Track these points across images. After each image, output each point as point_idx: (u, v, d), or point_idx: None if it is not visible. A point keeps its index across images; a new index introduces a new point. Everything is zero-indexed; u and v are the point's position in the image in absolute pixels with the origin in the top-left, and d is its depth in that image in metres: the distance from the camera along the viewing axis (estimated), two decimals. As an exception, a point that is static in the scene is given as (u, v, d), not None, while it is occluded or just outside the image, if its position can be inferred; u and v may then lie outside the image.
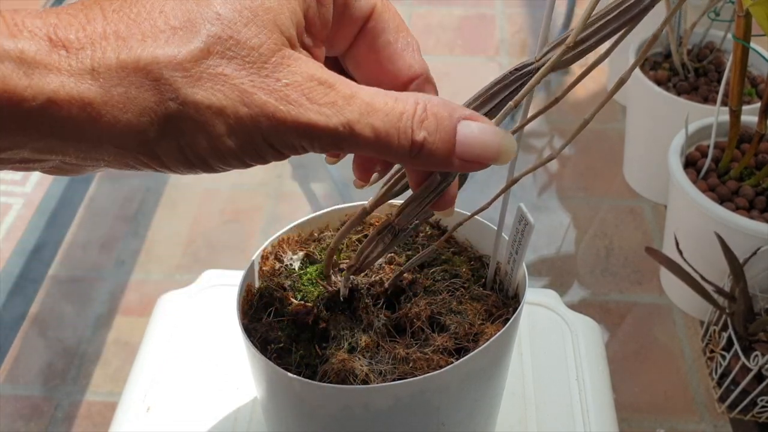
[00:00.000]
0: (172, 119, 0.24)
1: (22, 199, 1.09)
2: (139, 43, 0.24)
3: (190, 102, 0.24)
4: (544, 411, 0.52)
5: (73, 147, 0.24)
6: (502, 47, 1.37)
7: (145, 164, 0.26)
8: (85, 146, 0.24)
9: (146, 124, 0.24)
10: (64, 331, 0.90)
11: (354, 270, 0.37)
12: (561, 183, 1.10)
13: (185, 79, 0.24)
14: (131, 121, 0.24)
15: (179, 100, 0.24)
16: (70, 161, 0.25)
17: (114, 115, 0.24)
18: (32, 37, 0.23)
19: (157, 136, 0.24)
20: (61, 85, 0.23)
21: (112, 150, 0.25)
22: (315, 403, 0.37)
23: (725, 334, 0.75)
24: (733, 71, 0.76)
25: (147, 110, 0.24)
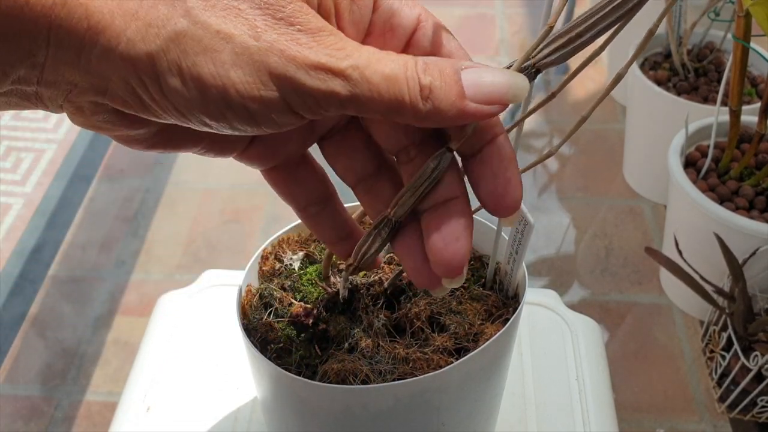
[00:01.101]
0: (179, 36, 0.24)
1: (22, 199, 1.09)
2: None
3: (200, 22, 0.24)
4: (544, 411, 0.52)
5: (84, 55, 0.24)
6: (502, 47, 1.37)
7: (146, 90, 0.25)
8: (95, 55, 0.24)
9: (153, 35, 0.24)
10: (63, 331, 0.90)
11: (352, 269, 0.36)
12: (561, 183, 1.10)
13: (200, 1, 0.24)
14: (139, 29, 0.24)
15: (189, 17, 0.24)
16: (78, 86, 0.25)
17: (125, 21, 0.24)
18: None
19: (159, 51, 0.24)
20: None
21: (118, 62, 0.24)
22: (315, 403, 0.37)
23: (725, 334, 0.75)
24: (733, 71, 0.76)
25: (156, 21, 0.24)
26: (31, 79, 0.25)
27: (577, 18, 0.30)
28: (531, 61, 0.31)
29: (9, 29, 0.23)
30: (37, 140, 1.21)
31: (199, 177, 1.12)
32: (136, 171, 1.14)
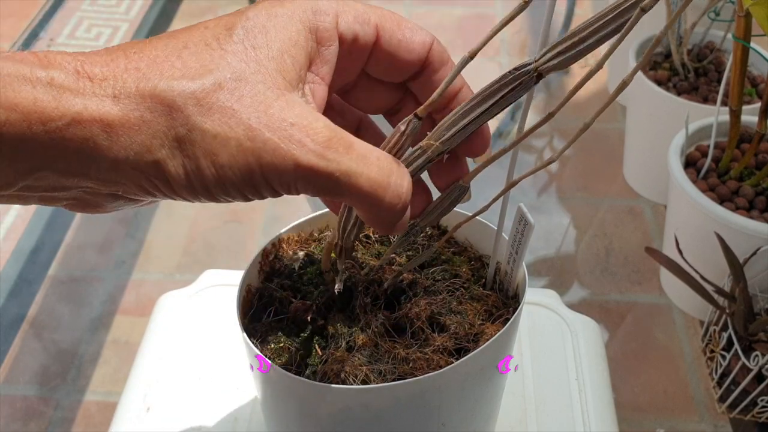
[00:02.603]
0: (180, 143, 0.26)
1: (21, 199, 1.09)
2: (157, 77, 0.26)
3: (198, 129, 0.26)
4: (544, 411, 0.52)
5: (94, 168, 0.26)
6: (502, 47, 1.37)
7: (157, 188, 0.27)
8: (105, 166, 0.26)
9: (157, 145, 0.26)
10: (63, 332, 0.90)
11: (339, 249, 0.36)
12: (561, 183, 1.10)
13: (196, 108, 0.26)
14: (144, 142, 0.26)
15: (188, 126, 0.26)
16: (91, 188, 0.27)
17: (130, 136, 0.26)
18: (61, 68, 0.26)
19: (166, 158, 0.26)
20: (85, 107, 0.25)
21: (129, 171, 0.26)
22: (315, 403, 0.37)
23: (725, 334, 0.75)
24: (733, 71, 0.76)
25: (159, 133, 0.26)
26: (37, 188, 0.27)
27: (580, 24, 0.30)
28: (533, 65, 0.31)
29: (12, 151, 0.25)
30: (37, 140, 1.21)
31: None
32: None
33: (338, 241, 0.36)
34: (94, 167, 0.26)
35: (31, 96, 0.25)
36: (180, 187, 0.27)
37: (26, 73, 0.25)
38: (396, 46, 0.33)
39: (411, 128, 0.32)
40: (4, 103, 0.24)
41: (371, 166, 0.28)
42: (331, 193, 0.28)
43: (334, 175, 0.27)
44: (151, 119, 0.26)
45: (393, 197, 0.29)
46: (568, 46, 0.30)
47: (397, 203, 0.29)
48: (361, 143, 0.28)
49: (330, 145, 0.27)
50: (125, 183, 0.27)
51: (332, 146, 0.27)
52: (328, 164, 0.27)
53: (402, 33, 0.33)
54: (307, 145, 0.27)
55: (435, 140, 0.33)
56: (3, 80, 0.25)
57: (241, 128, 0.26)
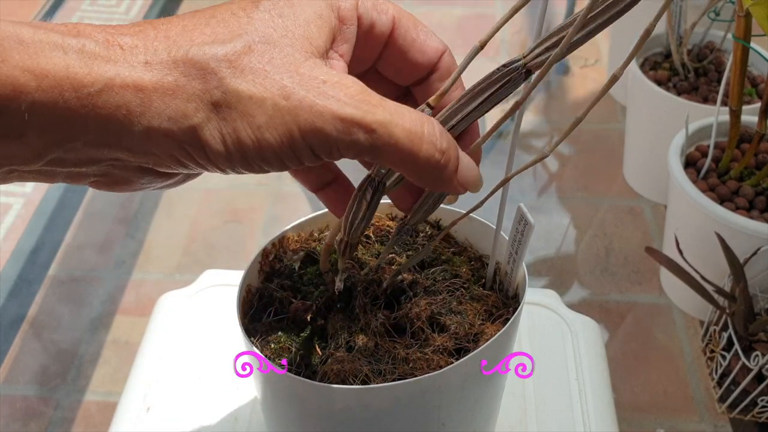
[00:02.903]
0: (216, 107, 0.26)
1: (22, 199, 1.09)
2: (188, 44, 0.26)
3: (233, 91, 0.26)
4: (544, 411, 0.52)
5: (126, 137, 0.26)
6: (502, 47, 1.37)
7: (191, 157, 0.27)
8: (138, 135, 0.26)
9: (192, 110, 0.26)
10: (63, 332, 0.90)
11: (344, 246, 0.36)
12: (561, 183, 1.10)
13: (230, 69, 0.26)
14: (179, 107, 0.26)
15: (223, 88, 0.26)
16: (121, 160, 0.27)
17: (164, 101, 0.25)
18: (91, 38, 0.26)
19: (202, 122, 0.26)
20: (117, 73, 0.25)
21: (161, 139, 0.26)
22: (315, 403, 0.37)
23: (725, 334, 0.75)
24: (733, 71, 0.76)
25: (193, 97, 0.26)
26: (66, 161, 0.26)
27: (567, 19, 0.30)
28: (522, 61, 0.31)
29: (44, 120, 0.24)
30: (37, 140, 1.21)
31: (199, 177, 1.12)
32: (136, 171, 1.14)
33: (343, 236, 0.35)
34: (127, 136, 0.26)
35: (63, 63, 0.24)
36: (216, 154, 0.27)
37: (57, 41, 0.25)
38: (410, 44, 0.33)
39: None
40: (36, 69, 0.24)
41: (405, 117, 0.28)
42: (369, 152, 0.27)
43: (372, 126, 0.27)
44: (186, 83, 0.26)
45: (429, 146, 0.28)
46: (556, 42, 0.30)
47: (434, 152, 0.28)
48: (391, 101, 0.28)
49: (363, 99, 0.27)
50: (157, 153, 0.26)
51: (365, 100, 0.27)
52: (365, 115, 0.27)
53: (417, 33, 0.33)
54: (342, 99, 0.27)
55: None
56: (35, 47, 0.24)
57: (275, 88, 0.26)
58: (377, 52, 0.34)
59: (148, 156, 0.27)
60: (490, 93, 0.31)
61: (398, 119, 0.27)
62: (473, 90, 0.32)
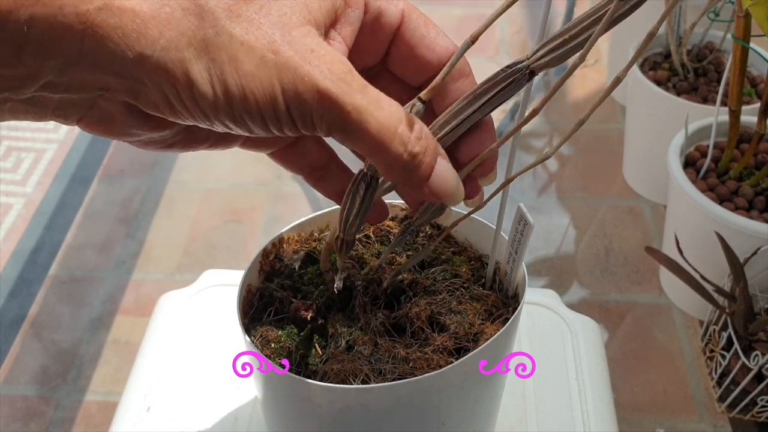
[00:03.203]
0: (208, 45, 0.26)
1: (22, 199, 1.09)
2: None
3: (226, 32, 0.26)
4: (544, 411, 0.52)
5: (118, 61, 0.26)
6: (502, 47, 1.37)
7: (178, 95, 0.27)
8: (130, 60, 0.26)
9: (185, 44, 0.26)
10: (63, 332, 0.90)
11: (341, 242, 0.36)
12: (561, 183, 1.10)
13: (226, 12, 0.26)
14: (172, 38, 0.26)
15: (217, 28, 0.26)
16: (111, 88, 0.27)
17: (159, 30, 0.26)
18: None
19: (192, 58, 0.26)
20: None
21: (152, 68, 0.26)
22: (315, 403, 0.37)
23: (725, 334, 0.75)
24: (733, 71, 0.76)
25: (187, 31, 0.26)
26: (58, 85, 0.26)
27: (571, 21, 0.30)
28: (526, 62, 0.31)
29: (42, 35, 0.24)
30: (38, 140, 1.21)
31: (199, 177, 1.12)
32: (136, 171, 1.14)
33: (339, 233, 0.35)
34: (119, 60, 0.26)
35: None
36: (202, 96, 0.26)
37: None
38: (419, 41, 0.33)
39: (414, 111, 0.32)
40: None
41: (382, 111, 0.28)
42: (341, 131, 0.28)
43: (346, 108, 0.27)
44: (182, 17, 0.26)
45: (399, 145, 0.28)
46: (560, 43, 0.30)
47: (403, 152, 0.28)
48: (375, 89, 0.28)
49: (345, 78, 0.27)
50: (147, 84, 0.26)
51: (347, 81, 0.27)
52: (341, 94, 0.27)
53: (427, 30, 0.33)
54: (325, 71, 0.27)
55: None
56: None
57: (265, 40, 0.26)
58: (385, 45, 0.33)
59: (139, 86, 0.27)
60: (493, 94, 0.32)
61: (374, 109, 0.27)
62: (476, 91, 0.32)
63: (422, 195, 0.30)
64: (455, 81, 0.34)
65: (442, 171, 0.30)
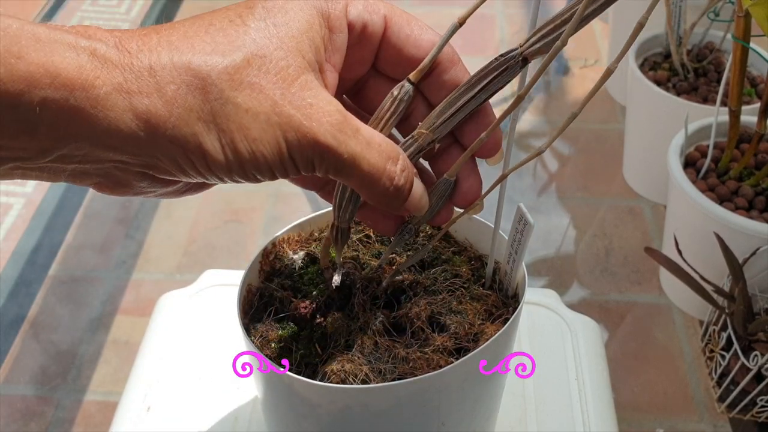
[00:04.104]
0: (216, 117, 0.28)
1: (22, 199, 1.09)
2: (189, 51, 0.28)
3: (232, 103, 0.28)
4: (544, 411, 0.52)
5: (132, 140, 0.27)
6: (502, 47, 1.37)
7: (192, 165, 0.28)
8: (143, 141, 0.27)
9: (195, 119, 0.27)
10: (64, 332, 0.90)
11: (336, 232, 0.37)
12: (561, 183, 1.10)
13: (229, 83, 0.28)
14: (182, 115, 0.27)
15: (222, 100, 0.27)
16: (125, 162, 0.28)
17: (168, 109, 0.27)
18: (103, 41, 0.27)
19: (203, 132, 0.28)
20: (125, 78, 0.26)
21: (167, 145, 0.27)
22: (315, 403, 0.37)
23: (725, 334, 0.75)
24: (733, 71, 0.76)
25: (194, 105, 0.27)
26: (73, 158, 0.27)
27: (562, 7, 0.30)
28: (519, 50, 0.31)
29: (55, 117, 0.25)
30: (37, 140, 1.21)
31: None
32: (136, 171, 1.14)
33: (334, 221, 0.36)
34: (132, 140, 0.27)
35: (75, 63, 0.25)
36: (216, 163, 0.28)
37: (71, 41, 0.26)
38: (404, 40, 0.34)
39: (403, 92, 0.33)
40: (50, 67, 0.25)
41: (373, 151, 0.30)
42: (338, 173, 0.30)
43: (343, 156, 0.29)
44: (187, 93, 0.27)
45: (387, 181, 0.31)
46: (552, 29, 0.30)
47: (389, 186, 0.31)
48: (366, 128, 0.31)
49: (342, 128, 0.29)
50: (161, 158, 0.28)
51: (343, 130, 0.29)
52: (339, 145, 0.29)
53: (410, 29, 0.34)
54: (324, 125, 0.29)
55: (426, 129, 0.33)
56: (50, 46, 0.25)
57: (268, 103, 0.28)
58: (373, 52, 0.34)
59: (152, 159, 0.28)
60: (487, 81, 0.32)
61: (366, 153, 0.30)
62: (471, 80, 0.33)
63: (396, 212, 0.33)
64: (447, 71, 0.34)
65: (415, 190, 0.33)
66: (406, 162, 0.32)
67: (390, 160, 0.31)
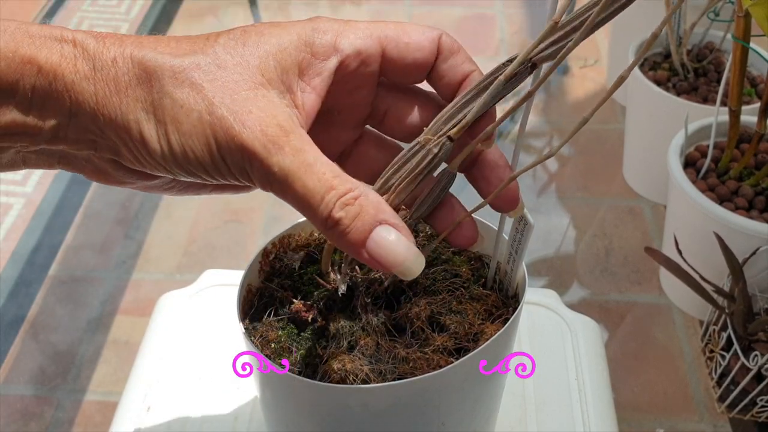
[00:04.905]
0: (155, 108, 0.30)
1: (22, 199, 1.09)
2: (150, 49, 0.31)
3: (169, 97, 0.30)
4: (544, 411, 0.52)
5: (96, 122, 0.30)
6: (501, 47, 1.37)
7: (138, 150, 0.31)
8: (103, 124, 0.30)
9: (139, 109, 0.30)
10: (63, 332, 0.90)
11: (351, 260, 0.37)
12: (561, 183, 1.10)
13: (171, 79, 0.30)
14: (129, 103, 0.30)
15: (162, 93, 0.30)
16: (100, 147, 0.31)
17: (119, 96, 0.30)
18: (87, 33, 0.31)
19: (143, 120, 0.30)
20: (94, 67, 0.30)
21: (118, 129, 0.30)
22: (315, 403, 0.37)
23: (725, 334, 0.75)
24: (733, 71, 0.76)
25: (140, 97, 0.30)
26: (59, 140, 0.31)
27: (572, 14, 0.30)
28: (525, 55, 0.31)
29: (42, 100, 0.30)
30: (37, 140, 1.21)
31: (199, 177, 1.12)
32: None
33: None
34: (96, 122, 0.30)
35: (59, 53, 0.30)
36: (154, 151, 0.30)
37: (58, 35, 0.30)
38: (404, 49, 0.34)
39: (444, 151, 0.33)
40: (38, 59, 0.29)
41: (311, 175, 0.29)
42: (271, 187, 0.30)
43: (272, 168, 0.29)
44: (136, 84, 0.30)
45: (324, 210, 0.30)
46: (561, 36, 0.30)
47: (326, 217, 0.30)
48: (314, 153, 0.30)
49: (276, 141, 0.29)
50: (117, 143, 0.31)
51: (278, 143, 0.29)
52: (268, 156, 0.29)
53: (408, 36, 0.34)
54: (255, 132, 0.29)
55: (432, 135, 0.33)
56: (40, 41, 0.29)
57: (204, 103, 0.30)
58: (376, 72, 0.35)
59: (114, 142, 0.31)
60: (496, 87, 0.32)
61: (302, 174, 0.29)
62: (479, 85, 0.32)
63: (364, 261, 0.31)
64: (446, 60, 0.35)
65: (383, 240, 0.30)
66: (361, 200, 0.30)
67: (332, 191, 0.29)
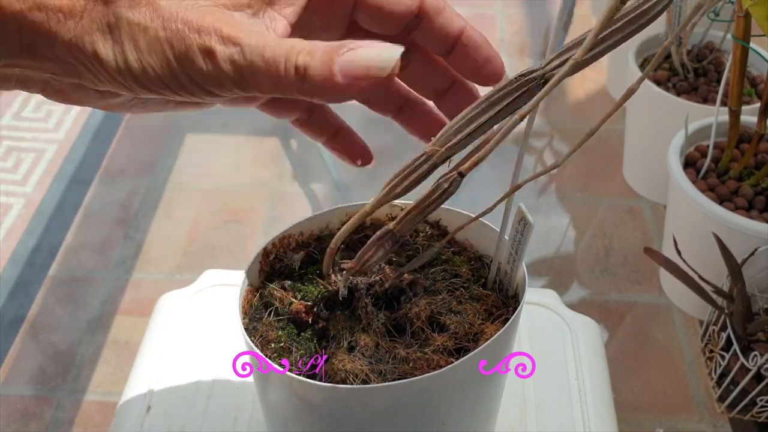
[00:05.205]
0: (111, 29, 0.31)
1: (22, 199, 1.09)
2: None
3: (124, 18, 0.31)
4: (544, 411, 0.52)
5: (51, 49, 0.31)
6: (501, 47, 1.37)
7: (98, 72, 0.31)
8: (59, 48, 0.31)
9: (94, 30, 0.31)
10: (63, 332, 0.90)
11: (354, 272, 0.37)
12: (560, 183, 1.10)
13: (127, 2, 0.31)
14: (85, 26, 0.31)
15: (117, 15, 0.31)
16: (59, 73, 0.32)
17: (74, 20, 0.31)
18: None
19: (99, 40, 0.31)
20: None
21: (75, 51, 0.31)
22: (315, 403, 0.37)
23: (724, 334, 0.75)
24: (733, 71, 0.76)
25: (96, 19, 0.31)
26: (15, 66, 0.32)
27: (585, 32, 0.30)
28: (540, 71, 0.31)
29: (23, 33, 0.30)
30: (38, 140, 1.21)
31: (199, 177, 1.12)
32: (136, 171, 1.14)
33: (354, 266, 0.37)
34: (50, 47, 0.31)
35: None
36: (111, 68, 0.31)
37: None
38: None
39: (454, 187, 0.33)
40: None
41: (269, 48, 0.30)
42: (237, 76, 0.30)
43: (233, 56, 0.30)
44: (92, 7, 0.31)
45: (290, 69, 0.30)
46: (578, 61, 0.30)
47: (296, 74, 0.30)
48: (266, 34, 0.32)
49: (232, 36, 0.30)
50: (74, 63, 0.31)
51: (233, 38, 0.30)
52: (225, 48, 0.30)
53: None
54: (212, 34, 0.30)
55: (440, 146, 0.33)
56: None
57: (159, 20, 0.31)
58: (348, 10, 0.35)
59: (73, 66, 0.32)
60: (507, 102, 0.32)
61: (261, 48, 0.30)
62: (491, 98, 0.32)
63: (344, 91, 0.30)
64: (433, 20, 0.35)
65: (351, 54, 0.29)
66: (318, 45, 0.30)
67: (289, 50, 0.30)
